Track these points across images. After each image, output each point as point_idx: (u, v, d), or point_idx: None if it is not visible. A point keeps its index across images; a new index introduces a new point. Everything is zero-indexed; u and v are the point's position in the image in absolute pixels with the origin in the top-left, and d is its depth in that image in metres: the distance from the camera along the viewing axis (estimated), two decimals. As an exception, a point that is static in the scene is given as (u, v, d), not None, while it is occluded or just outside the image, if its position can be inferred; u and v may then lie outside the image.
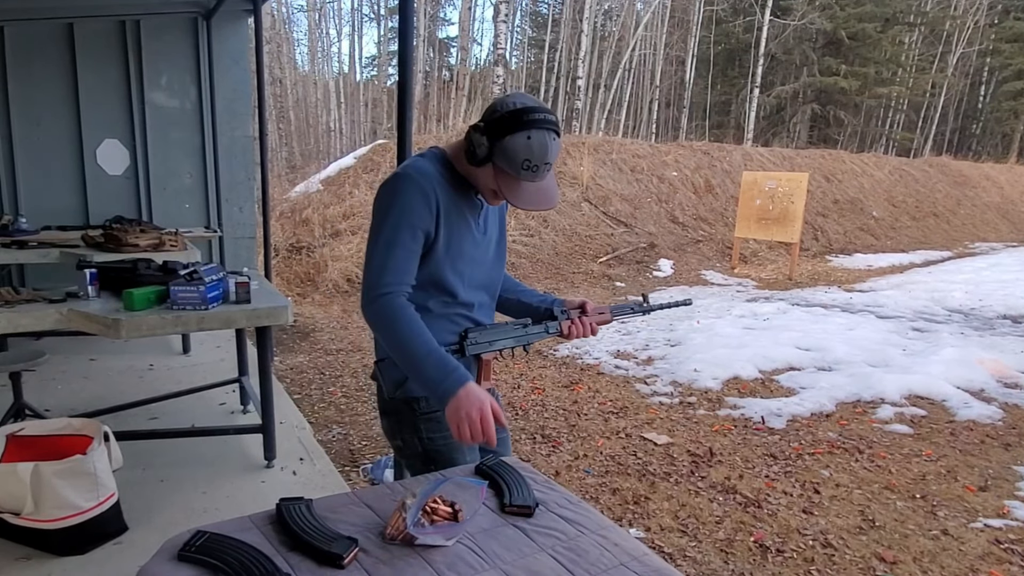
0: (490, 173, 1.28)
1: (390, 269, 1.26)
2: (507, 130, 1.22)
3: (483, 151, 1.24)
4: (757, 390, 4.37)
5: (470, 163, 1.29)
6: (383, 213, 1.29)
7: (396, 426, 1.44)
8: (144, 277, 2.60)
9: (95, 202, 4.95)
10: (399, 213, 1.26)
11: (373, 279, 1.27)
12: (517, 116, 1.22)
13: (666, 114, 24.80)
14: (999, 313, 6.80)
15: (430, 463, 1.41)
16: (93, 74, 4.84)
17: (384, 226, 1.27)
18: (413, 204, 1.27)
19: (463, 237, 1.36)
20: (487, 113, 1.26)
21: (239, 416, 3.34)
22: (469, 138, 1.26)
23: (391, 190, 1.29)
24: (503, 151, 1.23)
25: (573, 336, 1.52)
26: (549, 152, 1.24)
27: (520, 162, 1.22)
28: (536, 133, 1.21)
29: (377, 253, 1.27)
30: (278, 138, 16.50)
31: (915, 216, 14.92)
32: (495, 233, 1.48)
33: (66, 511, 2.06)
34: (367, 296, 1.27)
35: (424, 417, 1.39)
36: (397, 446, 1.47)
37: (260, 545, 0.98)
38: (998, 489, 3.01)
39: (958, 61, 25.41)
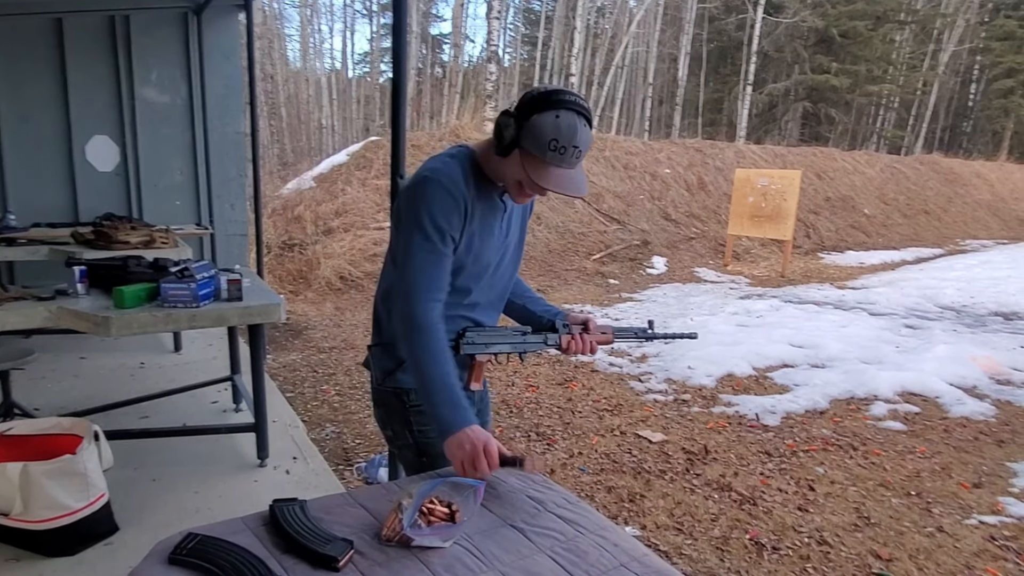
0: (517, 161, 1.23)
1: (432, 276, 1.25)
2: (535, 109, 1.19)
3: (510, 132, 1.21)
4: (751, 387, 4.38)
5: (498, 153, 1.25)
6: (416, 217, 1.24)
7: (387, 416, 1.44)
8: (134, 274, 2.56)
9: (85, 199, 4.90)
10: (431, 219, 1.23)
11: (415, 284, 1.24)
12: (546, 96, 1.20)
13: (659, 111, 24.84)
14: (991, 310, 6.84)
15: (421, 455, 1.41)
16: (82, 70, 4.78)
17: (420, 230, 1.24)
18: (446, 209, 1.24)
19: (485, 242, 1.34)
20: (526, 97, 1.23)
21: (231, 415, 3.31)
22: (498, 125, 1.24)
23: (423, 194, 1.25)
24: (530, 130, 1.19)
25: (572, 352, 1.50)
26: (578, 135, 1.19)
27: (547, 142, 1.18)
28: (565, 114, 1.18)
29: (417, 258, 1.24)
30: (270, 135, 16.41)
31: (906, 214, 15.00)
32: (516, 236, 1.46)
33: (56, 511, 2.03)
34: (408, 299, 1.24)
35: (414, 409, 1.38)
36: (388, 436, 1.48)
37: (253, 547, 0.96)
38: (992, 486, 3.02)
39: (949, 59, 25.55)
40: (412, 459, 1.44)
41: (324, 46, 24.09)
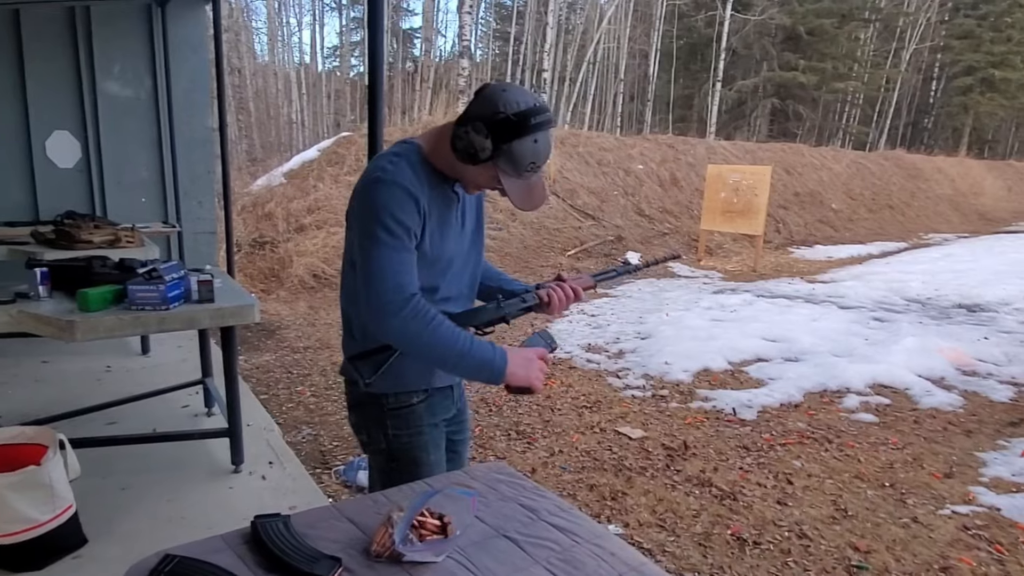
0: (486, 172, 1.24)
1: (405, 273, 1.21)
2: (514, 134, 1.18)
3: (485, 154, 1.19)
4: (727, 382, 4.42)
5: (463, 161, 1.23)
6: (373, 219, 1.21)
7: (363, 420, 1.43)
8: (100, 276, 2.46)
9: (45, 197, 4.72)
10: (388, 216, 1.20)
11: (392, 286, 1.19)
12: (524, 119, 1.18)
13: (630, 108, 25.00)
14: (954, 302, 7.02)
15: (393, 460, 1.40)
16: (41, 63, 4.60)
17: (376, 231, 1.20)
18: (404, 208, 1.21)
19: (444, 236, 1.32)
20: (483, 109, 1.19)
21: (203, 419, 3.22)
22: (467, 138, 1.19)
23: (378, 195, 1.22)
24: (509, 155, 1.20)
25: (555, 303, 1.45)
26: (551, 150, 1.25)
27: (526, 164, 1.21)
28: (542, 136, 1.20)
29: (386, 261, 1.20)
30: (238, 130, 16.07)
31: (872, 208, 15.34)
32: (472, 224, 1.45)
33: (20, 525, 1.94)
34: (391, 307, 1.19)
35: (392, 412, 1.37)
36: (363, 440, 1.46)
37: (235, 568, 0.91)
38: (963, 476, 3.09)
39: (911, 57, 26.19)
40: (383, 464, 1.43)
41: (293, 39, 23.68)
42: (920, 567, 2.34)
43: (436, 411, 1.42)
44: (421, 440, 1.39)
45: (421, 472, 1.38)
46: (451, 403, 1.48)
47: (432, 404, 1.41)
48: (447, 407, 1.46)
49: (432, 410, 1.41)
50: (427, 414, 1.40)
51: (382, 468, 1.43)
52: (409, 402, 1.37)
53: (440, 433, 1.45)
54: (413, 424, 1.38)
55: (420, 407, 1.39)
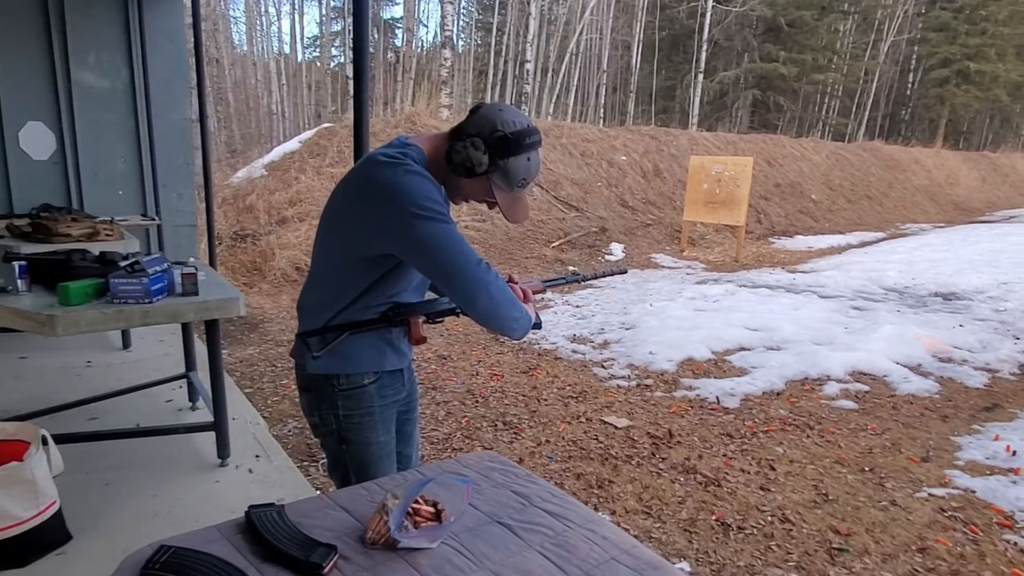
0: (479, 185, 1.32)
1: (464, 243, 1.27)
2: (510, 152, 1.28)
3: (482, 168, 1.28)
4: (711, 371, 4.47)
5: (458, 174, 1.30)
6: (420, 207, 1.22)
7: (314, 402, 1.44)
8: (80, 269, 2.42)
9: (19, 189, 4.61)
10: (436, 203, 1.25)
11: (474, 260, 1.25)
12: (520, 139, 1.28)
13: (613, 99, 25.02)
14: (931, 291, 7.15)
15: (343, 442, 1.43)
16: (12, 51, 4.48)
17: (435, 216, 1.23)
18: (437, 197, 1.27)
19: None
20: (482, 127, 1.27)
21: (188, 413, 3.19)
22: (465, 153, 1.26)
23: (412, 185, 1.23)
24: (504, 171, 1.30)
25: None
26: (539, 169, 1.36)
27: (518, 180, 1.32)
28: (534, 155, 1.32)
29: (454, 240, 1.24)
30: (216, 121, 15.83)
31: (850, 199, 15.53)
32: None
33: (3, 522, 1.91)
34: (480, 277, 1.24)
35: (343, 394, 1.40)
36: (314, 423, 1.47)
37: (231, 558, 0.92)
38: (939, 459, 3.16)
39: (889, 49, 26.50)
40: (334, 447, 1.46)
41: (272, 29, 23.33)
42: (899, 548, 2.39)
43: (387, 392, 1.45)
44: (372, 421, 1.42)
45: (371, 453, 1.41)
46: (401, 385, 1.50)
47: (383, 385, 1.44)
48: (398, 388, 1.49)
49: (383, 391, 1.44)
50: (378, 395, 1.43)
51: (334, 450, 1.45)
52: (360, 383, 1.40)
53: (392, 415, 1.48)
54: (364, 405, 1.40)
55: (371, 388, 1.41)
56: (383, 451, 1.44)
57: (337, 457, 1.45)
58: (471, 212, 9.08)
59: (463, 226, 8.77)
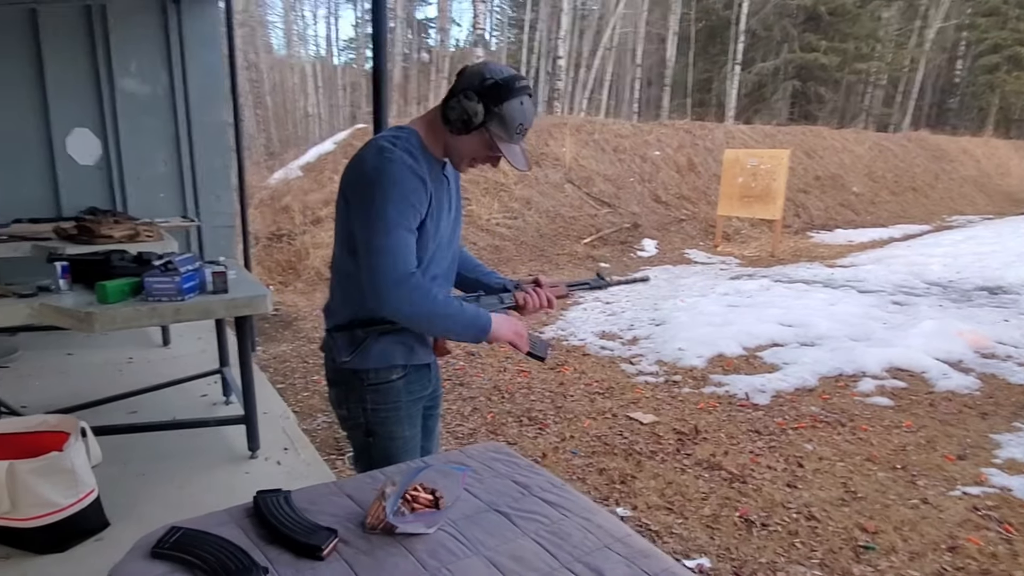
0: (477, 140, 1.32)
1: (408, 250, 1.28)
2: (503, 97, 1.27)
3: (479, 118, 1.28)
4: (741, 367, 4.41)
5: (456, 132, 1.31)
6: (382, 195, 1.26)
7: (343, 396, 1.46)
8: (117, 269, 2.54)
9: (67, 194, 4.83)
10: (401, 197, 1.26)
11: (398, 261, 1.26)
12: (510, 83, 1.28)
13: (648, 93, 24.74)
14: (976, 285, 6.90)
15: (370, 435, 1.45)
16: (60, 61, 4.69)
17: (388, 209, 1.25)
18: (411, 189, 1.27)
19: (440, 217, 1.39)
20: (471, 80, 1.29)
21: (221, 407, 3.31)
22: (459, 107, 1.28)
23: (387, 174, 1.26)
24: (500, 118, 1.28)
25: (529, 308, 1.54)
26: (534, 113, 1.35)
27: (516, 126, 1.30)
28: (527, 99, 1.31)
29: (393, 239, 1.26)
30: (255, 124, 16.24)
31: (894, 191, 15.06)
32: (455, 205, 1.52)
33: (44, 509, 2.02)
34: (395, 281, 1.25)
35: (371, 388, 1.42)
36: (342, 415, 1.50)
37: (237, 539, 0.96)
38: (976, 457, 3.06)
39: (935, 35, 25.52)
40: (361, 439, 1.49)
41: (308, 32, 23.81)
42: (927, 546, 2.33)
43: (414, 388, 1.47)
44: (398, 415, 1.44)
45: (397, 447, 1.43)
46: (428, 381, 1.53)
47: (410, 381, 1.46)
48: (424, 384, 1.51)
49: (410, 387, 1.46)
50: (405, 391, 1.45)
51: (360, 443, 1.49)
52: (388, 378, 1.42)
53: (418, 410, 1.51)
54: (392, 400, 1.43)
55: (399, 383, 1.43)
56: (408, 445, 1.47)
57: (363, 450, 1.49)
58: (502, 210, 9.12)
59: (494, 223, 8.82)
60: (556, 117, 13.31)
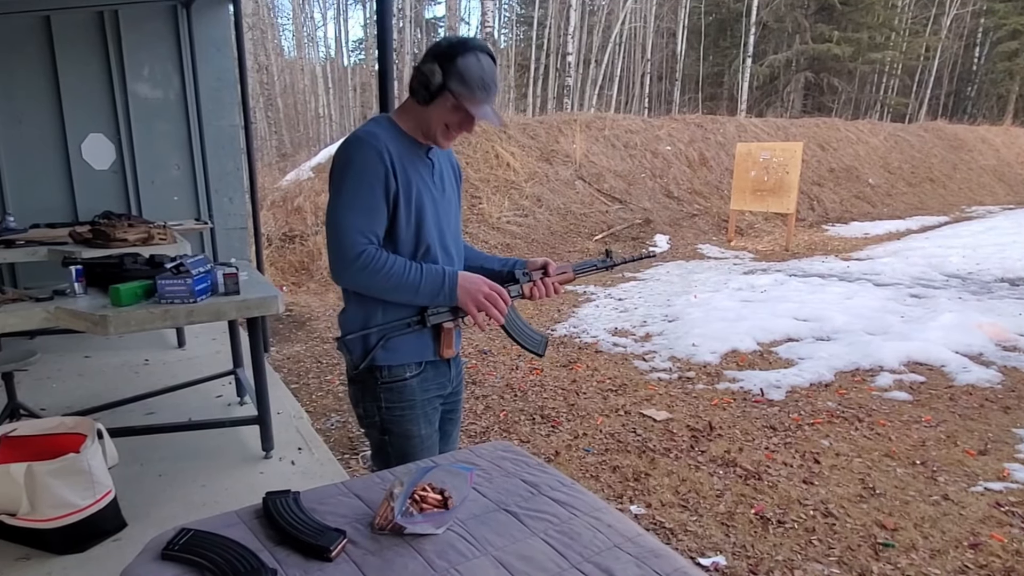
0: (445, 105, 1.32)
1: (358, 227, 1.30)
2: (458, 52, 1.29)
3: (437, 78, 1.30)
4: (756, 362, 4.37)
5: (423, 102, 1.33)
6: (339, 179, 1.32)
7: (360, 394, 1.47)
8: (131, 272, 2.56)
9: (83, 198, 4.90)
10: (355, 174, 1.30)
11: (344, 241, 1.30)
12: (462, 41, 1.31)
13: (658, 88, 24.59)
14: (996, 276, 6.79)
15: (385, 433, 1.46)
16: (73, 68, 4.76)
17: (343, 190, 1.31)
18: (367, 162, 1.30)
19: (422, 191, 1.39)
20: (432, 50, 1.32)
21: (236, 408, 3.33)
22: (419, 73, 1.31)
23: (341, 156, 1.32)
24: (458, 72, 1.29)
25: (536, 297, 1.53)
26: (496, 72, 1.34)
27: (476, 80, 1.29)
28: (483, 56, 1.31)
29: (342, 216, 1.31)
30: (267, 126, 16.34)
31: (911, 182, 14.85)
32: (453, 194, 1.53)
33: (63, 510, 2.05)
34: (343, 261, 1.30)
35: (385, 386, 1.42)
36: (359, 414, 1.51)
37: (246, 540, 0.96)
38: (998, 452, 3.01)
39: (951, 23, 25.13)
40: (377, 438, 1.49)
41: (318, 34, 23.91)
42: (948, 544, 2.30)
43: (429, 386, 1.47)
44: (413, 414, 1.44)
45: (412, 445, 1.43)
46: (446, 380, 1.52)
47: (426, 378, 1.45)
48: (442, 384, 1.50)
49: (425, 385, 1.45)
50: (420, 389, 1.44)
51: (377, 441, 1.49)
52: (402, 376, 1.42)
53: (434, 409, 1.50)
54: (406, 398, 1.42)
55: (413, 382, 1.43)
56: (424, 444, 1.47)
57: (380, 448, 1.49)
58: (513, 208, 9.11)
59: (505, 221, 8.82)
60: (566, 114, 13.26)
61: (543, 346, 1.58)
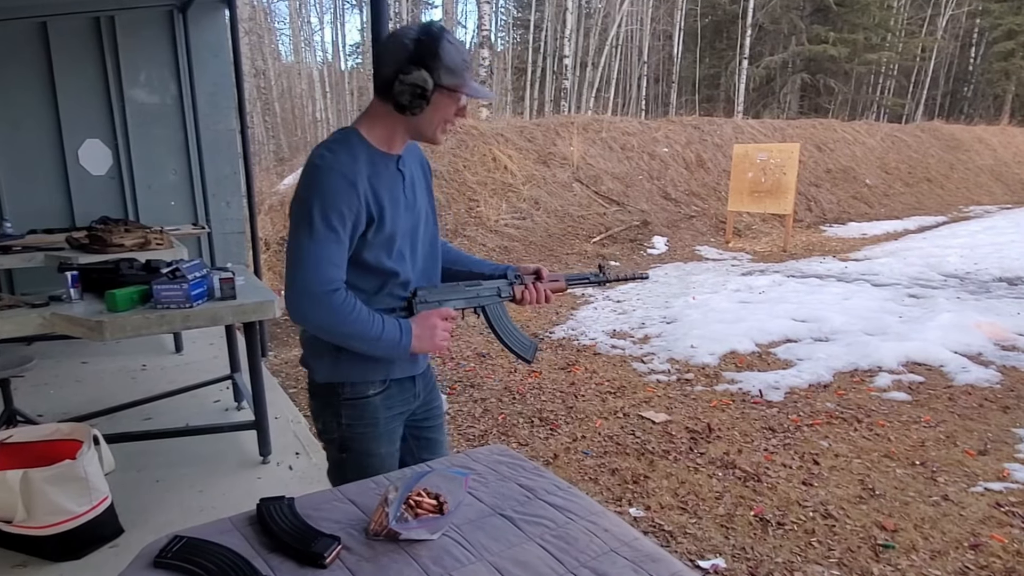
0: (440, 103, 1.27)
1: (327, 263, 1.22)
2: (433, 47, 1.22)
3: (430, 83, 1.22)
4: (754, 364, 4.36)
5: (420, 109, 1.25)
6: (306, 206, 1.22)
7: (320, 409, 1.42)
8: (127, 277, 2.56)
9: (80, 203, 4.89)
10: (324, 204, 1.21)
11: (312, 276, 1.22)
12: (429, 33, 1.23)
13: (655, 90, 24.65)
14: (994, 276, 6.79)
15: (344, 450, 1.41)
16: (70, 73, 4.75)
17: (312, 219, 1.21)
18: (337, 192, 1.21)
19: (396, 214, 1.32)
20: (396, 58, 1.23)
21: (233, 413, 3.32)
22: (407, 87, 1.22)
23: (314, 183, 1.23)
24: (444, 66, 1.23)
25: (527, 302, 1.50)
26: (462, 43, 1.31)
27: (461, 64, 1.25)
28: (450, 35, 1.25)
29: (312, 249, 1.22)
30: (264, 131, 16.34)
31: (908, 182, 14.87)
32: (425, 203, 1.45)
33: (59, 517, 2.04)
34: (311, 297, 1.22)
35: (346, 403, 1.37)
36: (319, 428, 1.46)
37: (240, 548, 0.95)
38: (997, 452, 3.00)
39: (947, 23, 25.21)
40: (335, 454, 1.43)
41: (315, 38, 23.93)
42: (949, 544, 2.29)
43: (394, 404, 1.42)
44: (375, 432, 1.39)
45: (372, 464, 1.37)
46: (411, 396, 1.47)
47: (390, 396, 1.41)
48: (406, 400, 1.45)
49: (389, 403, 1.41)
50: (383, 407, 1.40)
51: (335, 457, 1.44)
52: (365, 393, 1.37)
53: (397, 426, 1.45)
54: (368, 416, 1.38)
55: (376, 399, 1.38)
56: (385, 463, 1.42)
57: (338, 464, 1.44)
58: (511, 211, 9.10)
59: (503, 224, 8.81)
60: (563, 116, 13.27)
61: (532, 352, 1.55)
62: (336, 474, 1.43)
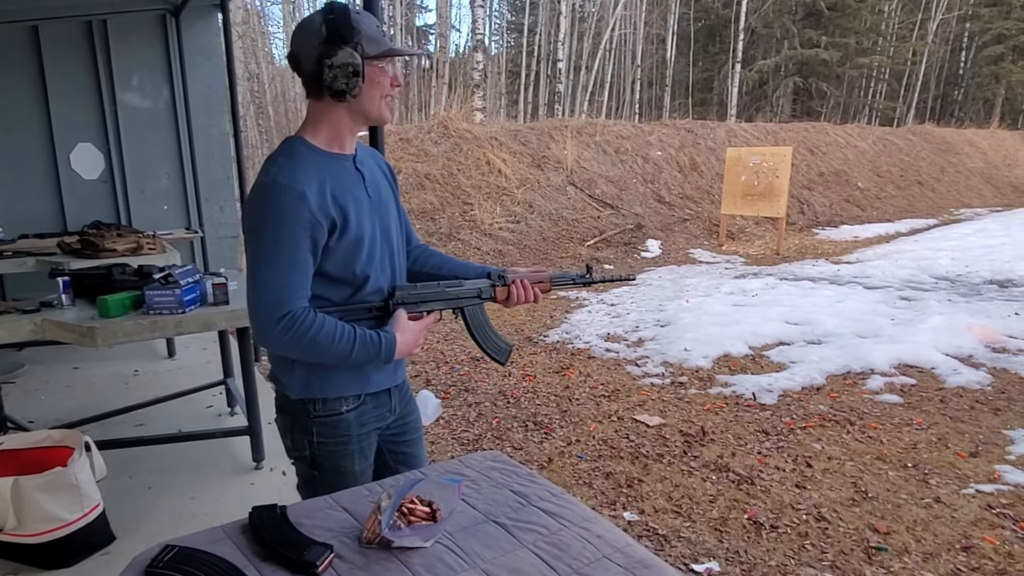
0: (373, 76, 1.24)
1: (287, 287, 1.18)
2: (346, 21, 1.19)
3: (357, 59, 1.19)
4: (748, 367, 4.37)
5: (356, 93, 1.22)
6: (259, 231, 1.19)
7: (289, 425, 1.37)
8: (119, 283, 2.55)
9: (72, 208, 4.86)
10: (277, 227, 1.17)
11: (265, 301, 1.18)
12: (332, 9, 1.20)
13: (649, 93, 24.72)
14: (985, 278, 6.84)
15: (316, 468, 1.36)
16: (62, 77, 4.73)
17: (264, 243, 1.18)
18: (288, 209, 1.17)
19: (360, 215, 1.27)
20: (310, 44, 1.20)
21: (226, 418, 3.31)
22: (337, 72, 1.19)
23: (260, 206, 1.19)
24: (365, 36, 1.20)
25: (511, 302, 1.47)
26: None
27: (377, 31, 1.24)
28: (353, 7, 1.23)
29: (263, 273, 1.18)
30: (258, 134, 16.30)
31: (900, 185, 14.97)
32: (391, 201, 1.41)
33: (50, 524, 2.02)
34: (263, 324, 1.19)
35: (318, 420, 1.33)
36: (287, 446, 1.40)
37: (232, 557, 0.95)
38: (989, 454, 3.02)
39: (938, 27, 25.41)
40: (306, 472, 1.38)
41: (309, 42, 23.81)
42: (941, 547, 2.30)
43: (367, 420, 1.38)
44: (348, 449, 1.35)
45: (344, 481, 1.33)
46: (387, 411, 1.43)
47: (364, 412, 1.36)
48: (381, 416, 1.41)
49: (363, 419, 1.37)
50: (356, 423, 1.36)
51: (306, 476, 1.39)
52: (338, 410, 1.33)
53: (371, 443, 1.41)
54: (341, 433, 1.34)
55: (350, 416, 1.34)
56: (358, 479, 1.37)
57: (308, 481, 1.39)
58: (505, 214, 9.11)
59: (497, 227, 8.82)
60: (557, 120, 13.30)
61: (507, 355, 1.52)
62: (306, 491, 1.38)
